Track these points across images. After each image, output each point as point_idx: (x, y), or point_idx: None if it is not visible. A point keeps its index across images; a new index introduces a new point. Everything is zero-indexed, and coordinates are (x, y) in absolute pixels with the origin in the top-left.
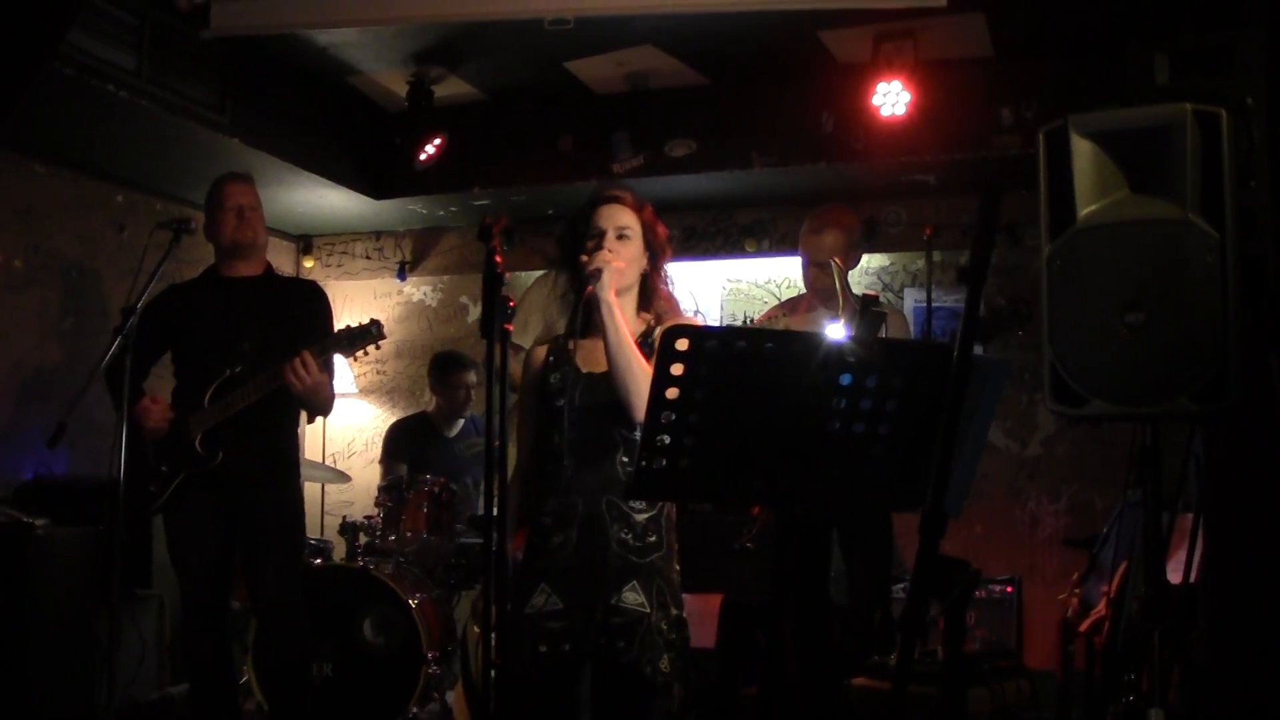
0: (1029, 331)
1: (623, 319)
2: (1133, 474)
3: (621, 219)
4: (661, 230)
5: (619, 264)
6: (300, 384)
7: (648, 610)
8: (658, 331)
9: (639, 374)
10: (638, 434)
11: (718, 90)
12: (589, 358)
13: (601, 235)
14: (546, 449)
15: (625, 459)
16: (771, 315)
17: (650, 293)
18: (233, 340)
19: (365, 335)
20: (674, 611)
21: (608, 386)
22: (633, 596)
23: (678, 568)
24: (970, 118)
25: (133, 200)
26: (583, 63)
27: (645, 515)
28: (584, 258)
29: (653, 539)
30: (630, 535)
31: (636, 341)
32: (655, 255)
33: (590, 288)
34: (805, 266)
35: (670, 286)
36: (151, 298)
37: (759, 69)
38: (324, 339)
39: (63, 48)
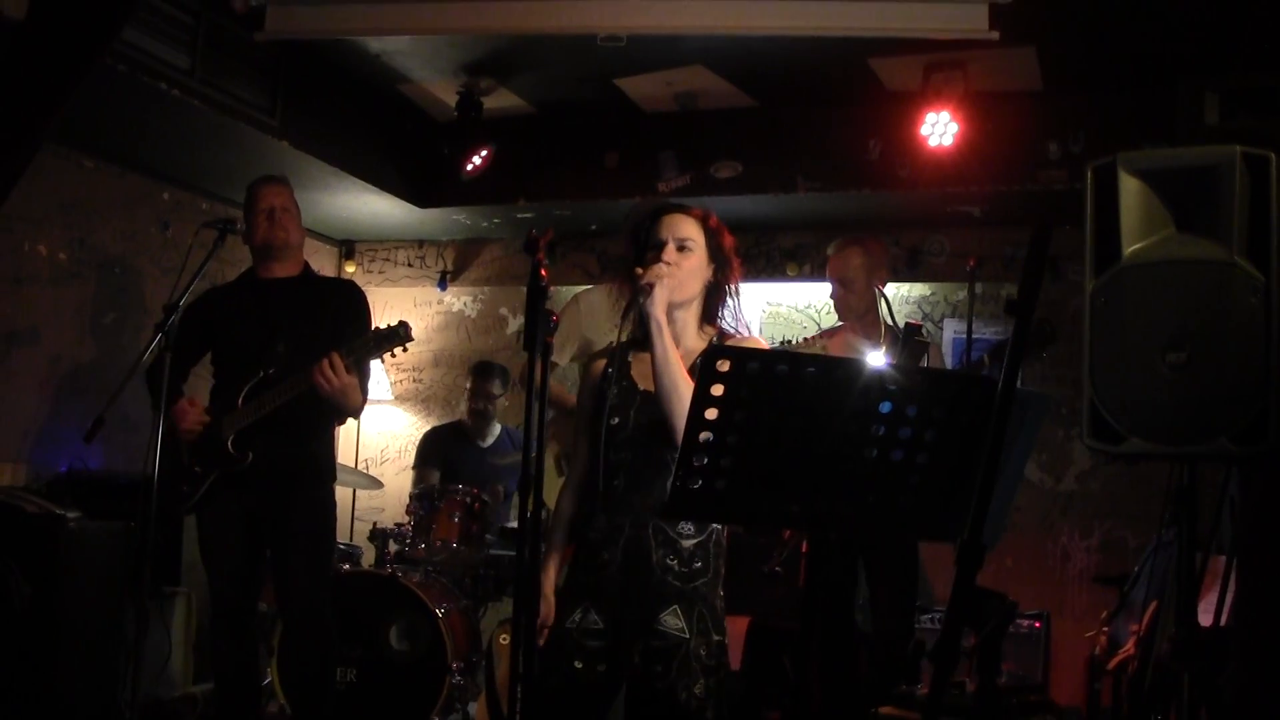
0: (1067, 366)
1: (669, 338)
2: (1168, 513)
3: (684, 230)
4: (728, 240)
5: (672, 280)
6: (328, 385)
7: (687, 636)
8: None
9: (684, 395)
10: None
11: (766, 113)
12: (647, 373)
13: (661, 246)
14: (600, 466)
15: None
16: (809, 342)
17: (715, 304)
18: (268, 341)
19: (393, 337)
20: (715, 638)
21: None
22: (673, 621)
23: (722, 593)
24: (1017, 150)
25: (178, 198)
26: (633, 80)
27: (693, 541)
28: (639, 270)
29: (699, 565)
30: (676, 561)
31: (696, 360)
32: (721, 267)
33: (642, 303)
34: (832, 285)
35: (736, 300)
36: (191, 300)
37: (808, 94)
38: (352, 341)
39: (117, 44)
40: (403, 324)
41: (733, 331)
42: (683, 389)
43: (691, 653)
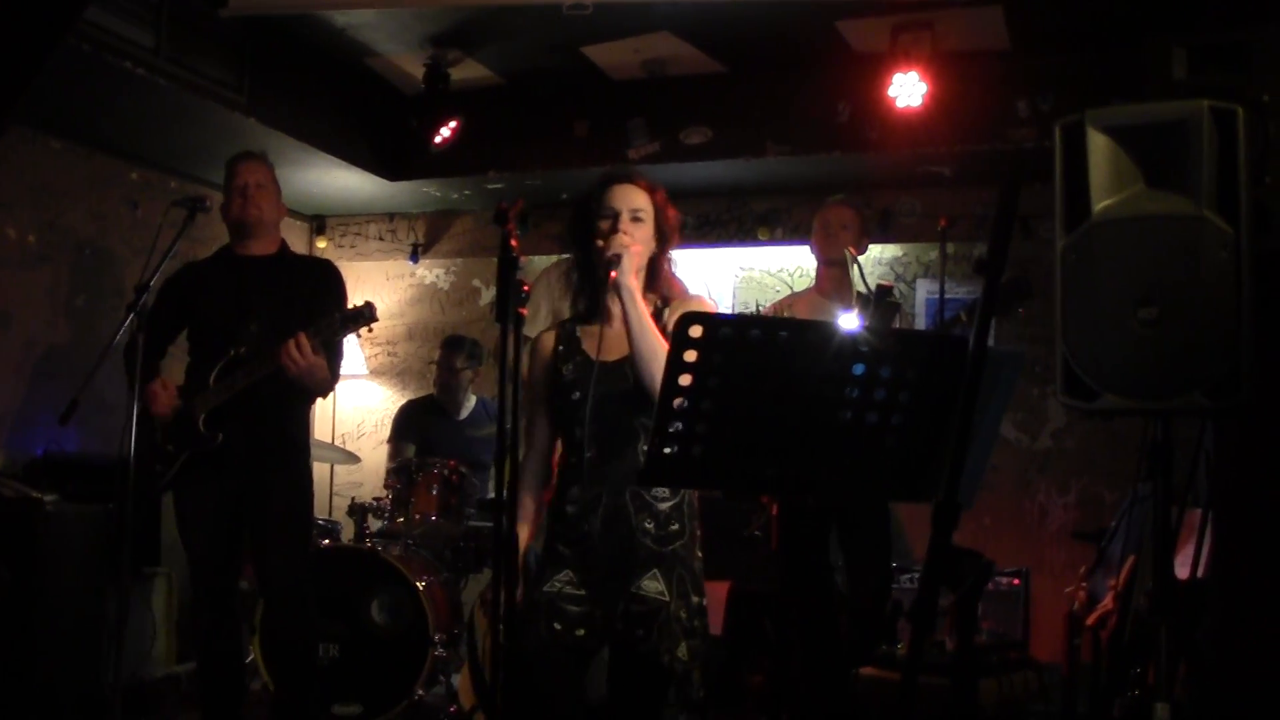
0: (1040, 324)
1: (643, 305)
2: (1143, 468)
3: (636, 200)
4: (673, 214)
5: (637, 248)
6: (294, 366)
7: (668, 599)
8: (667, 313)
9: (664, 359)
10: None
11: (734, 78)
12: (600, 345)
13: (616, 217)
14: (569, 441)
15: (646, 447)
16: (777, 306)
17: (656, 275)
18: (241, 320)
19: (358, 317)
20: (695, 599)
21: (624, 374)
22: (653, 585)
23: (700, 554)
24: (986, 110)
25: (147, 178)
26: (600, 48)
27: (668, 504)
28: (600, 242)
29: (675, 527)
30: (653, 524)
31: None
32: (664, 239)
33: (612, 273)
34: (826, 226)
35: (674, 269)
36: (167, 276)
37: (776, 58)
38: (318, 321)
39: (81, 24)
40: (368, 304)
41: (675, 295)
42: (662, 354)
43: (672, 615)
